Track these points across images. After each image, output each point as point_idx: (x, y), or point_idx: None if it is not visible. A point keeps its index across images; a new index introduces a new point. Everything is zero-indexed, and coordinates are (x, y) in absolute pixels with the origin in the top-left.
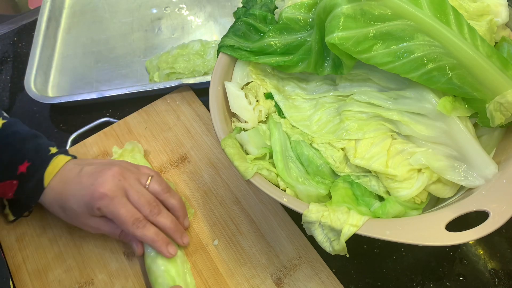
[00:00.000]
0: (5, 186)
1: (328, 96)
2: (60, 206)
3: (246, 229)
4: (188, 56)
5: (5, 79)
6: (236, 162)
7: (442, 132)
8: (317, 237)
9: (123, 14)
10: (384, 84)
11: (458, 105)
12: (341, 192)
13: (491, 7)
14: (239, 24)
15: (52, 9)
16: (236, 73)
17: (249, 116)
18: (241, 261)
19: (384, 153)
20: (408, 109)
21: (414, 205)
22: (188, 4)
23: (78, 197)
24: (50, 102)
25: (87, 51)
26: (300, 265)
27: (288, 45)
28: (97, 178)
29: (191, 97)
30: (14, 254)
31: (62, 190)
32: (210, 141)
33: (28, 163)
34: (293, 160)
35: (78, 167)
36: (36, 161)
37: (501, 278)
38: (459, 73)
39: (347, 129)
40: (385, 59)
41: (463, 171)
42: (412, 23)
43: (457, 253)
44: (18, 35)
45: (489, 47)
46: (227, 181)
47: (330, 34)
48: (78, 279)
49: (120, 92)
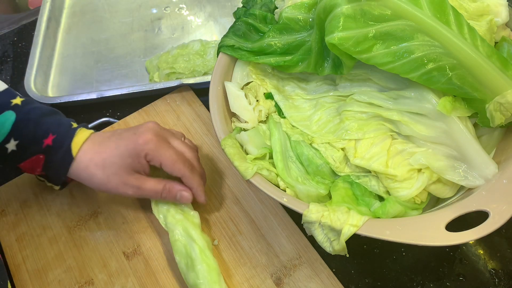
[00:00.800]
0: (32, 162)
1: (328, 96)
2: (98, 165)
3: (246, 229)
4: (188, 56)
5: (5, 79)
6: (236, 162)
7: (442, 132)
8: (317, 237)
9: (123, 14)
10: (384, 84)
11: (458, 105)
12: (341, 192)
13: (491, 7)
14: (239, 24)
15: (52, 9)
16: (236, 73)
17: (249, 116)
18: (241, 261)
19: (384, 153)
20: (408, 109)
21: (414, 205)
22: (188, 4)
23: (121, 147)
24: (50, 102)
25: (87, 51)
26: (300, 265)
27: (288, 45)
28: (138, 129)
29: (191, 97)
30: (14, 254)
31: (98, 149)
32: (210, 141)
33: (53, 136)
34: (293, 160)
35: (109, 132)
36: (60, 133)
37: (501, 278)
38: (459, 73)
39: (347, 129)
40: (385, 59)
41: (463, 171)
42: (412, 23)
43: (457, 253)
44: (18, 35)
45: (489, 47)
46: (227, 181)
47: (330, 34)
48: (78, 279)
49: (120, 92)
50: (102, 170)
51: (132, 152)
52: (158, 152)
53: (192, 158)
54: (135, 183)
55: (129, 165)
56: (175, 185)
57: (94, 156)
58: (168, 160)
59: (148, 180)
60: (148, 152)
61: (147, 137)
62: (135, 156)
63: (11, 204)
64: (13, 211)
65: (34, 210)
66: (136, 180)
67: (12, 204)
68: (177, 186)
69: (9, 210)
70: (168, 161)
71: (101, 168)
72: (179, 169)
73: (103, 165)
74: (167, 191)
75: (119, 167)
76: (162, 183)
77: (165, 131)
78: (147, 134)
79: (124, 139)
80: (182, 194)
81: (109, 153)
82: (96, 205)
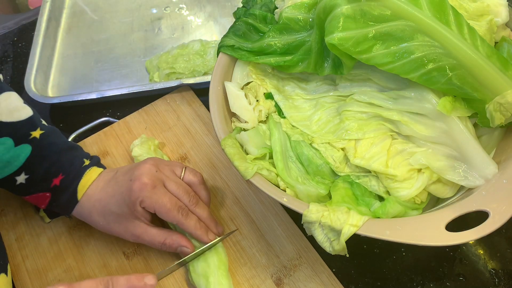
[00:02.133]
0: (38, 198)
1: (328, 96)
2: (99, 213)
3: (246, 229)
4: (188, 56)
5: (5, 79)
6: (236, 162)
7: (442, 132)
8: (317, 237)
9: (123, 14)
10: (384, 84)
11: (458, 105)
12: (341, 192)
13: (491, 7)
14: (239, 24)
15: (52, 9)
16: (236, 73)
17: (249, 116)
18: (241, 261)
19: (384, 153)
20: (408, 109)
21: (414, 205)
22: (188, 4)
23: (117, 196)
24: (50, 102)
25: (87, 51)
26: (300, 265)
27: (288, 45)
28: (133, 173)
29: (191, 97)
30: (14, 254)
31: (99, 196)
32: (210, 141)
33: (62, 176)
34: (293, 160)
35: (112, 172)
36: (70, 174)
37: (501, 278)
38: (459, 74)
39: (347, 129)
40: (385, 60)
41: (463, 171)
42: (412, 23)
43: (457, 253)
44: (18, 35)
45: (489, 47)
46: (227, 181)
47: (330, 34)
48: (78, 279)
49: (120, 92)
50: (103, 218)
51: (127, 200)
52: (152, 199)
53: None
54: (136, 232)
55: (127, 213)
56: (175, 240)
57: (96, 203)
58: (162, 209)
59: (148, 230)
60: (143, 199)
61: (142, 183)
62: (131, 204)
63: (10, 203)
64: (13, 211)
65: (34, 209)
66: (135, 228)
67: (11, 203)
68: (177, 242)
69: (9, 209)
70: (162, 209)
71: (102, 216)
72: (173, 217)
73: (103, 213)
74: (167, 246)
75: (117, 216)
76: (163, 237)
77: (163, 170)
78: (142, 179)
79: (120, 186)
80: (182, 250)
81: (107, 201)
82: None
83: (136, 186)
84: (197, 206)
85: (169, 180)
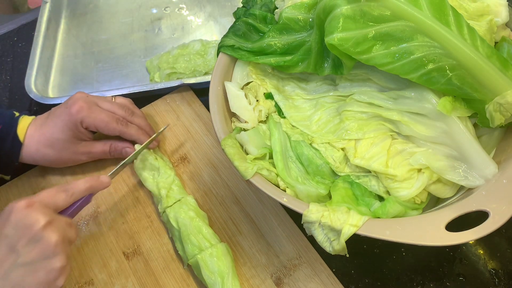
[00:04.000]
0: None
1: (328, 96)
2: (46, 145)
3: (246, 229)
4: (188, 56)
5: (5, 79)
6: (236, 162)
7: (442, 132)
8: (317, 237)
9: (123, 14)
10: (384, 84)
11: (458, 105)
12: (341, 192)
13: (491, 7)
14: (239, 24)
15: (52, 9)
16: (236, 73)
17: (249, 116)
18: (241, 261)
19: (384, 153)
20: (408, 109)
21: (414, 205)
22: (188, 4)
23: (58, 124)
24: (50, 102)
25: (87, 51)
26: (300, 265)
27: (288, 45)
28: (67, 102)
29: (191, 97)
30: None
31: (41, 131)
32: (210, 141)
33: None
34: (293, 160)
35: (46, 113)
36: (5, 124)
37: (501, 278)
38: (459, 74)
39: (347, 129)
40: (384, 60)
41: (463, 171)
42: (412, 24)
43: (457, 253)
44: (18, 35)
45: (489, 47)
46: (227, 181)
47: (329, 34)
48: (78, 279)
49: (120, 92)
50: (52, 148)
51: (69, 124)
52: (90, 117)
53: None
54: (84, 150)
55: (72, 137)
56: (119, 143)
57: (40, 138)
58: (102, 123)
59: (95, 144)
60: (82, 120)
61: (78, 106)
62: (73, 126)
63: None
64: None
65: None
66: (84, 147)
67: None
68: (121, 144)
69: None
70: (101, 124)
71: (50, 147)
72: (114, 128)
73: (50, 144)
74: (113, 149)
75: (64, 142)
76: (108, 144)
77: (93, 96)
78: (77, 104)
79: (59, 115)
80: (126, 151)
81: (51, 132)
82: (96, 205)
83: (73, 109)
84: (134, 116)
85: (102, 101)
